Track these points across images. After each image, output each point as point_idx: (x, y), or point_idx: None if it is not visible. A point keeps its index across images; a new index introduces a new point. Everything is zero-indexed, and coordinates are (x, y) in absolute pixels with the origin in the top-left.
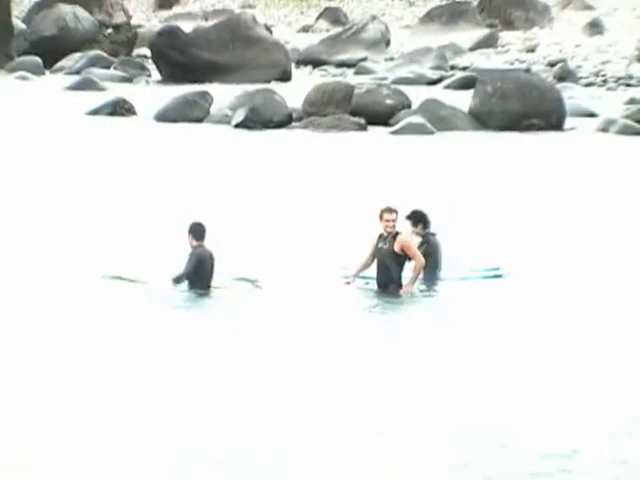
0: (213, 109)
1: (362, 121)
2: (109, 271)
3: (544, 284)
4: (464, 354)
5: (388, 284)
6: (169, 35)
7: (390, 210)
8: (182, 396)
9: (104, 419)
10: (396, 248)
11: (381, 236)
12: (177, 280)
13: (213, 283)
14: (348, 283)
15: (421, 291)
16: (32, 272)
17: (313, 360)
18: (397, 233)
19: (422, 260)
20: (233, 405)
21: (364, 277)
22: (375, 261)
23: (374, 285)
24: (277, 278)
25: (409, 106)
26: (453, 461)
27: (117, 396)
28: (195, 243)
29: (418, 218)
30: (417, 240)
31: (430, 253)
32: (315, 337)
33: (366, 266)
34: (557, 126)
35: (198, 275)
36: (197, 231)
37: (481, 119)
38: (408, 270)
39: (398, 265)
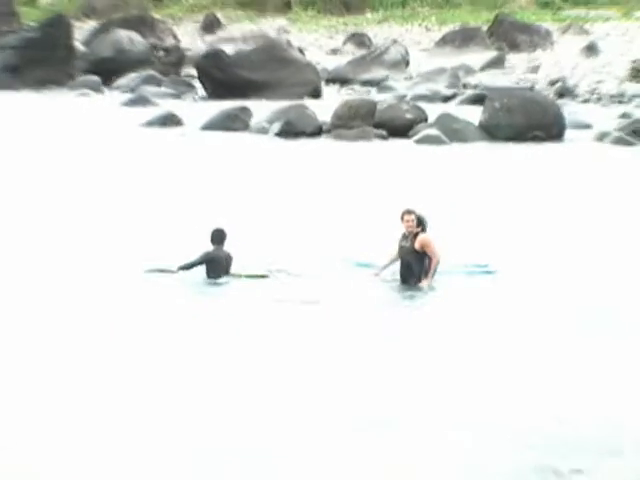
0: (252, 122)
1: (384, 133)
2: (152, 265)
3: (533, 279)
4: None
5: (409, 277)
6: (213, 57)
7: (409, 212)
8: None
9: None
10: (416, 246)
11: (403, 235)
12: (182, 267)
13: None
14: (377, 275)
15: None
16: (90, 265)
17: (346, 334)
18: (417, 232)
19: (439, 256)
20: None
21: (365, 264)
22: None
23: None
24: (309, 272)
25: (426, 120)
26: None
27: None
28: (213, 245)
29: (417, 221)
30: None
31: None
32: (347, 319)
33: (393, 261)
34: (557, 137)
35: (211, 267)
36: (215, 236)
37: (490, 131)
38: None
39: (418, 261)
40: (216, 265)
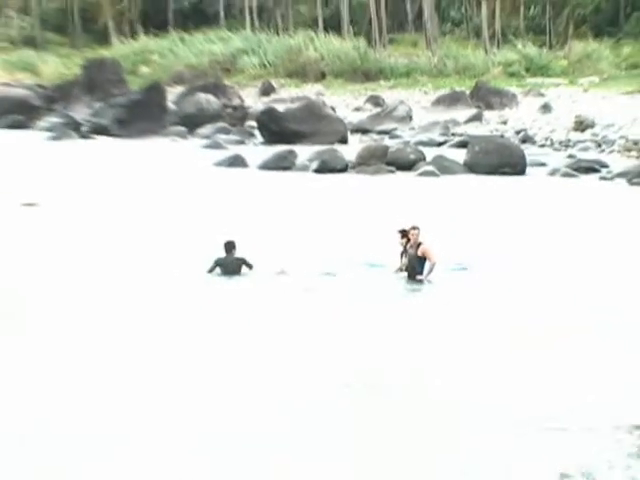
0: (297, 162)
1: (393, 169)
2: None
3: (497, 272)
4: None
5: (413, 274)
6: (268, 113)
7: (414, 227)
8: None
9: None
10: (419, 253)
11: (411, 244)
12: (209, 270)
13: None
14: (400, 270)
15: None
16: (168, 262)
17: (369, 308)
18: (420, 243)
19: (435, 260)
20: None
21: (379, 265)
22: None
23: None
24: (337, 269)
25: (424, 159)
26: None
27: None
28: (225, 253)
29: (404, 234)
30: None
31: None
32: (370, 299)
33: (404, 263)
34: (521, 172)
35: (225, 269)
36: (226, 246)
37: (471, 167)
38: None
39: (420, 263)
40: (228, 267)
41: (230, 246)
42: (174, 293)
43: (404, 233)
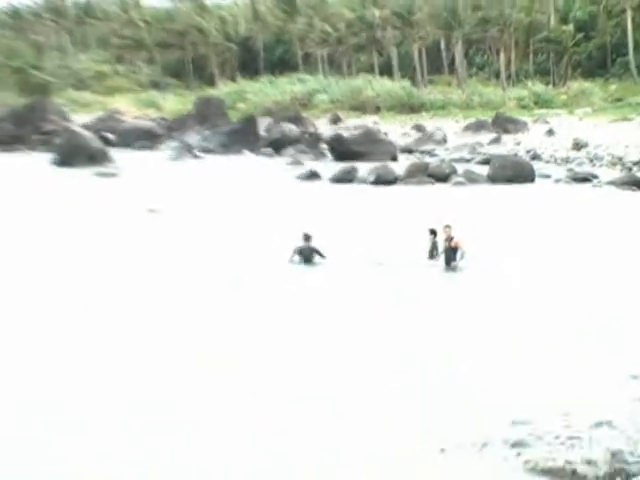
0: (358, 175)
1: (433, 180)
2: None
3: (499, 258)
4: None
5: (449, 261)
6: (336, 137)
7: (448, 225)
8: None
9: None
10: (452, 245)
11: (446, 238)
12: (289, 260)
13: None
14: (430, 258)
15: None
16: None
17: (417, 285)
18: (452, 237)
19: (464, 250)
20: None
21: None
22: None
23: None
24: (391, 257)
25: (456, 172)
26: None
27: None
28: (303, 242)
29: (432, 231)
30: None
31: (437, 249)
32: (419, 279)
33: (441, 252)
34: (531, 181)
35: (303, 256)
36: (304, 236)
37: (492, 178)
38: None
39: (453, 252)
40: (304, 254)
41: (307, 237)
42: (265, 273)
43: (433, 231)
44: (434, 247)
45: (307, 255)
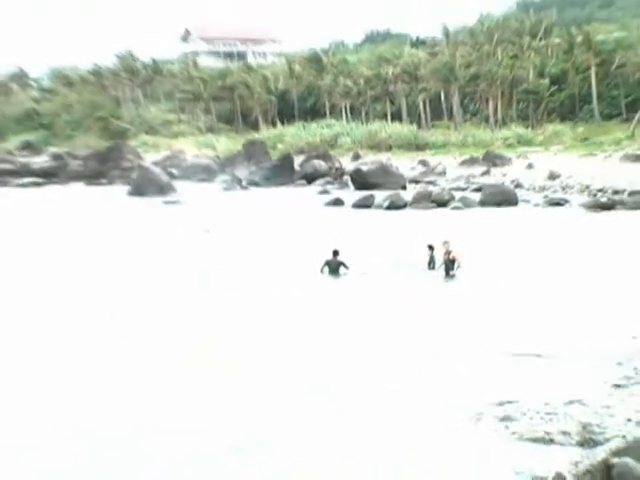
0: (375, 202)
1: (435, 205)
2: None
3: (487, 269)
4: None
5: (448, 271)
6: (357, 171)
7: (446, 242)
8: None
9: None
10: (450, 257)
11: (445, 252)
12: (320, 270)
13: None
14: (429, 269)
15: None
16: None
17: (420, 290)
18: (450, 251)
19: (459, 262)
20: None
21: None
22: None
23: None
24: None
25: (454, 199)
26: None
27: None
28: (332, 256)
29: (430, 247)
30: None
31: (434, 261)
32: (421, 286)
33: (441, 264)
34: (515, 205)
35: (330, 269)
36: (333, 252)
37: (484, 203)
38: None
39: (451, 264)
40: (332, 266)
41: (335, 252)
42: (300, 281)
43: (430, 247)
44: (432, 260)
45: (334, 267)
